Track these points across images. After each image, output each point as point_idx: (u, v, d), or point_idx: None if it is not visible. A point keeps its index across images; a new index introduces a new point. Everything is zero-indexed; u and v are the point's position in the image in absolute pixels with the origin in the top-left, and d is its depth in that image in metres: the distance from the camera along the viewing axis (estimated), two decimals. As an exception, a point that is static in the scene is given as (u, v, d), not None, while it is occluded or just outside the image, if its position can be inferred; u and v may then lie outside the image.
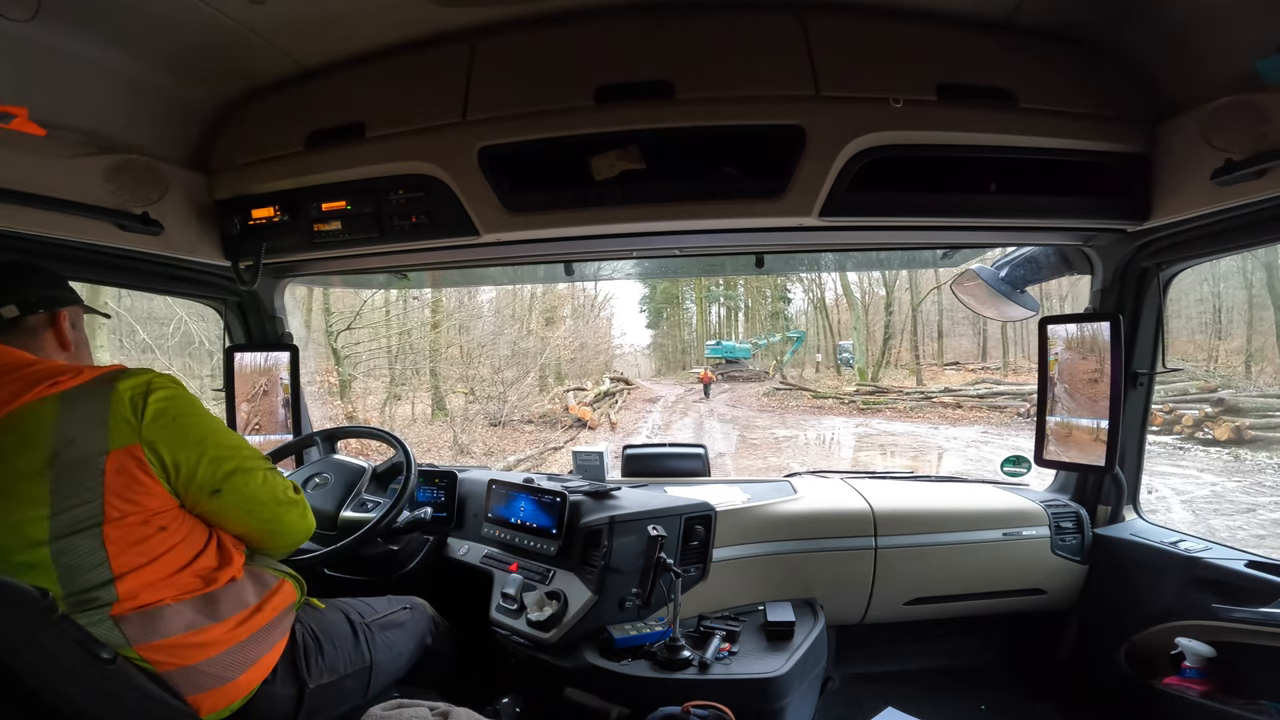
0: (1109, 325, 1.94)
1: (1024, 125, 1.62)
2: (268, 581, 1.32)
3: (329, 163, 1.83)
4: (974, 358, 26.26)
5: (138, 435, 1.13)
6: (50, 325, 1.28)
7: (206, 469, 1.20)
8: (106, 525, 1.09)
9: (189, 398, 1.22)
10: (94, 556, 1.08)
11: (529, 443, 16.36)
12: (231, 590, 1.23)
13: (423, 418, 16.93)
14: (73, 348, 1.31)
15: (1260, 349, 17.41)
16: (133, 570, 1.10)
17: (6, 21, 1.27)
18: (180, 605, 1.14)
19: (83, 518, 1.07)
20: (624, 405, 21.77)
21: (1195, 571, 1.84)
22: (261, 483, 1.28)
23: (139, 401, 1.14)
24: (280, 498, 1.32)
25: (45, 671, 0.94)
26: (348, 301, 15.74)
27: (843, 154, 1.61)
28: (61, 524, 1.06)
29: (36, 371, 1.14)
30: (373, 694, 1.45)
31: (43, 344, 1.26)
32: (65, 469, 1.07)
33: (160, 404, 1.16)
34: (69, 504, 1.07)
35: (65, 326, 1.29)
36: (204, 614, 1.16)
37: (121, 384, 1.15)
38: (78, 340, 1.34)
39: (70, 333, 1.31)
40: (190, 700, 1.12)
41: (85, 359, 1.34)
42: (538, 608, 1.77)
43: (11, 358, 1.17)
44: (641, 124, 1.64)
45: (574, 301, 24.00)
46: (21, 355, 1.18)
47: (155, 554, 1.13)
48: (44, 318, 1.27)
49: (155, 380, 1.18)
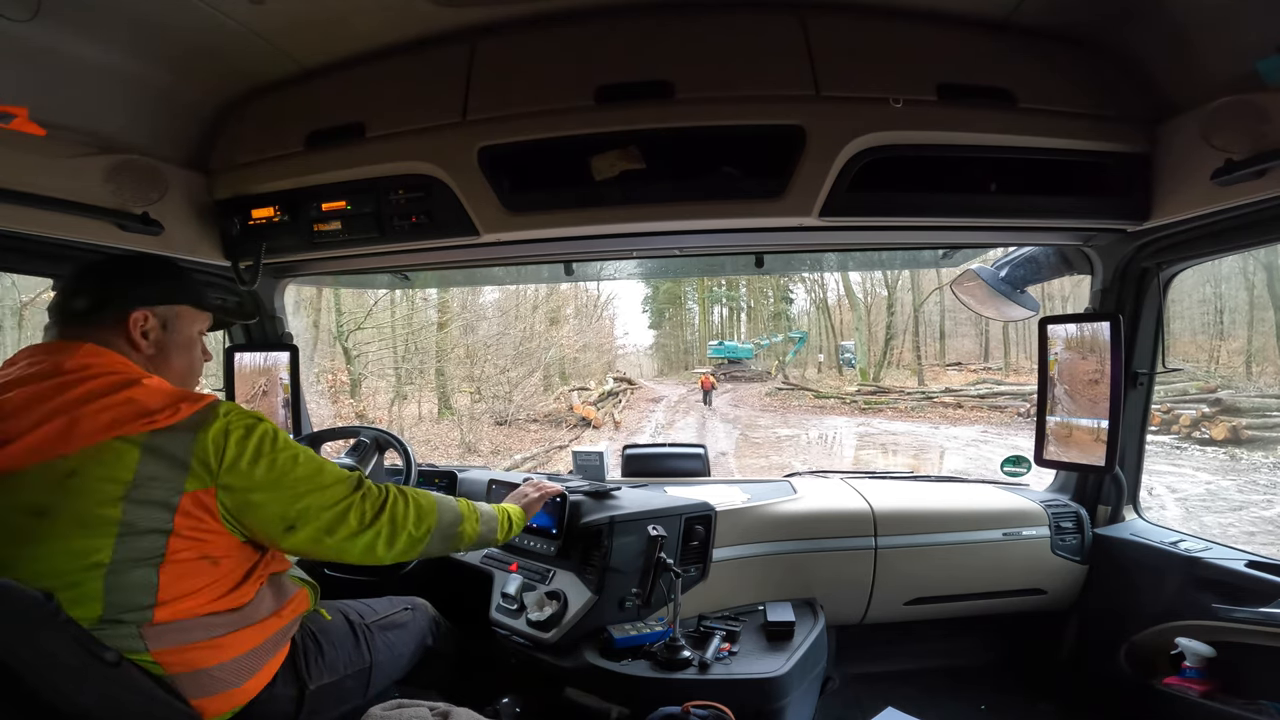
0: (1109, 325, 1.93)
1: (1024, 125, 1.62)
2: (288, 590, 1.32)
3: (329, 163, 1.83)
4: (976, 358, 26.26)
5: (214, 479, 1.12)
6: (117, 325, 1.23)
7: (279, 509, 1.18)
8: (166, 559, 1.08)
9: (269, 435, 1.19)
10: (145, 585, 1.07)
11: (534, 441, 16.41)
12: (257, 600, 1.22)
13: (429, 417, 16.98)
14: (153, 350, 1.26)
15: (1261, 349, 17.40)
16: (175, 599, 1.09)
17: (6, 21, 1.27)
18: (208, 617, 1.14)
19: (145, 551, 1.07)
20: (627, 404, 21.80)
21: (1195, 571, 1.84)
22: (338, 517, 1.25)
23: (220, 446, 1.13)
24: (354, 528, 1.27)
25: (46, 672, 0.94)
26: (358, 302, 15.80)
27: (843, 154, 1.61)
28: (123, 553, 1.05)
29: (135, 406, 1.10)
30: (373, 694, 1.45)
31: (118, 344, 1.22)
32: (140, 503, 1.06)
33: (238, 448, 1.14)
34: (136, 536, 1.06)
35: (133, 329, 1.24)
36: (227, 624, 1.16)
37: (207, 431, 1.12)
38: (166, 344, 1.28)
39: (150, 336, 1.26)
40: (195, 704, 1.11)
41: (172, 365, 1.29)
42: (538, 608, 1.78)
43: (103, 366, 1.14)
44: (641, 124, 1.64)
45: (577, 301, 24.03)
46: (112, 362, 1.16)
47: (201, 585, 1.13)
48: (112, 316, 1.23)
49: (234, 421, 1.16)
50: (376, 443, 2.13)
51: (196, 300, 1.35)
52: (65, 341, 1.19)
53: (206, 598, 1.13)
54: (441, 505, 1.44)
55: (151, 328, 1.26)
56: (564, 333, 22.57)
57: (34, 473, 1.05)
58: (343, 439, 2.21)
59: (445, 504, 1.45)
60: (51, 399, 1.09)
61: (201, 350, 1.38)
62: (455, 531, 1.46)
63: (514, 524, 1.64)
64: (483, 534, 1.53)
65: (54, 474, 1.05)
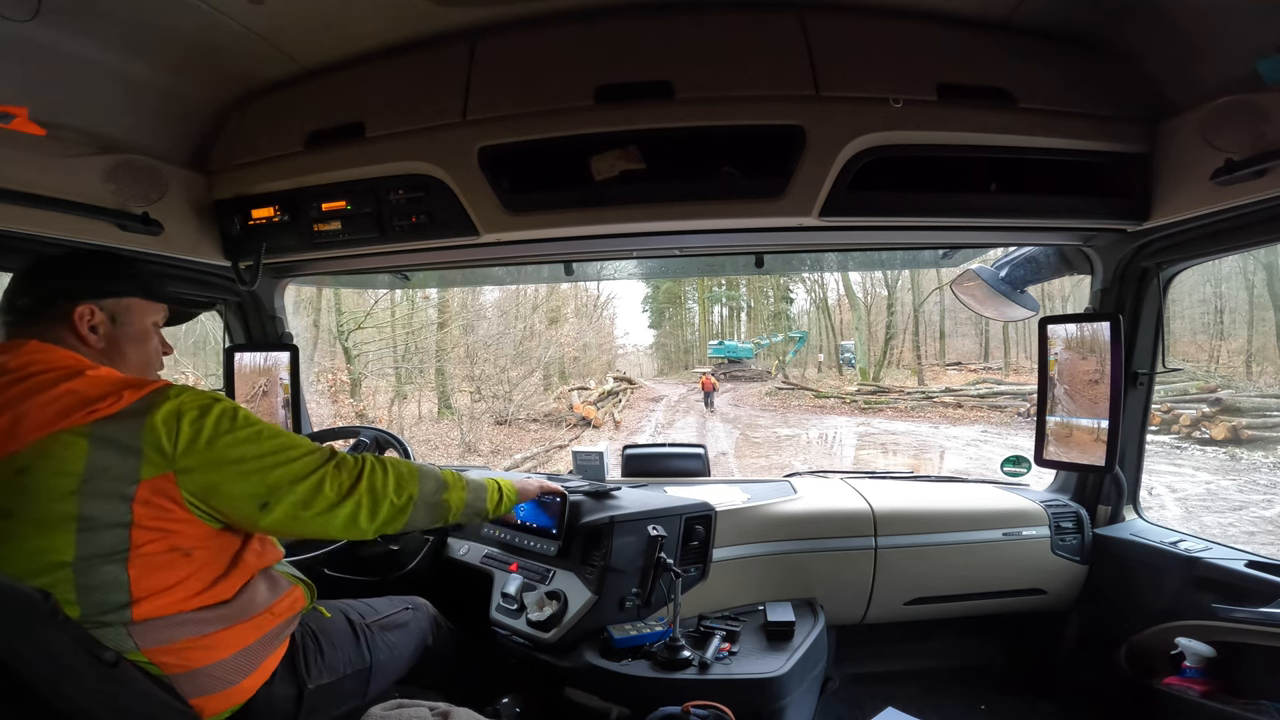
0: (1109, 325, 1.93)
1: (1024, 125, 1.62)
2: (281, 586, 1.31)
3: (329, 163, 1.83)
4: (976, 358, 26.26)
5: (171, 464, 1.09)
6: (63, 320, 1.21)
7: (248, 486, 1.15)
8: (132, 552, 1.06)
9: (227, 413, 1.15)
10: (116, 582, 1.05)
11: (534, 441, 16.42)
12: (246, 595, 1.21)
13: (429, 416, 16.99)
14: (103, 344, 1.24)
15: (1261, 349, 17.41)
16: (152, 594, 1.08)
17: (6, 21, 1.27)
18: (195, 613, 1.13)
19: (108, 546, 1.05)
20: (628, 404, 21.80)
21: (1195, 571, 1.84)
22: (312, 489, 1.20)
23: (172, 428, 1.09)
24: (332, 499, 1.22)
25: (45, 672, 0.94)
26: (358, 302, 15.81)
27: (843, 154, 1.61)
28: (86, 549, 1.04)
29: (75, 396, 1.08)
30: (373, 694, 1.45)
31: (67, 339, 1.20)
32: (95, 495, 1.04)
33: (193, 428, 1.11)
34: (95, 531, 1.04)
35: (79, 324, 1.22)
36: (217, 620, 1.15)
37: (155, 414, 1.09)
38: (116, 337, 1.26)
39: (99, 330, 1.24)
40: (193, 703, 1.11)
41: (127, 358, 1.27)
42: (538, 608, 1.78)
43: (47, 362, 1.12)
44: (641, 124, 1.64)
45: (577, 301, 24.03)
46: (56, 358, 1.14)
47: (178, 579, 1.11)
48: (56, 311, 1.21)
49: (186, 402, 1.13)
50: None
51: (147, 292, 1.33)
52: (11, 340, 1.18)
53: (186, 592, 1.12)
54: (424, 473, 1.38)
55: (99, 321, 1.24)
56: (564, 332, 22.58)
57: None
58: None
59: (427, 471, 1.39)
60: None
61: (160, 343, 1.36)
62: (440, 500, 1.39)
63: (505, 496, 1.56)
64: (470, 503, 1.46)
65: (5, 473, 1.03)
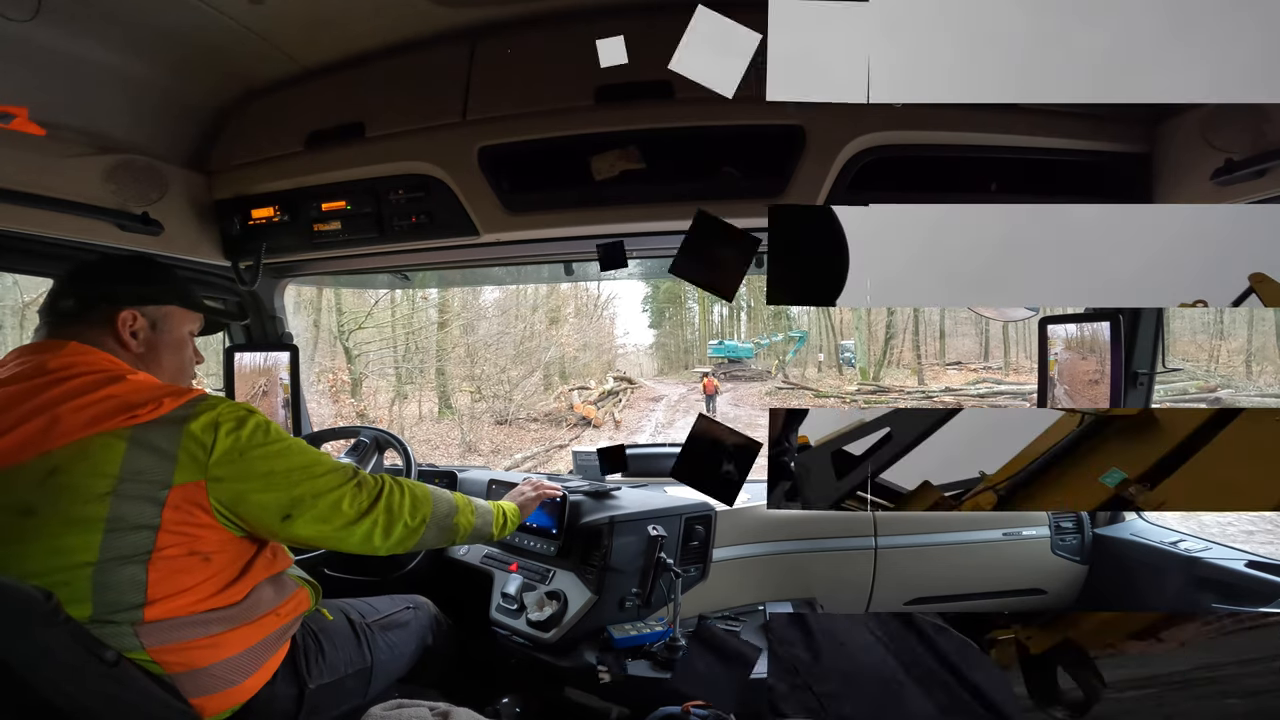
0: (1109, 325, 1.93)
1: (1024, 125, 1.61)
2: (288, 587, 1.31)
3: (329, 163, 1.83)
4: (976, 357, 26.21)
5: (204, 472, 1.10)
6: (105, 324, 1.23)
7: (274, 498, 1.17)
8: (154, 555, 1.07)
9: (261, 427, 1.18)
10: (134, 583, 1.06)
11: (534, 441, 16.41)
12: (253, 596, 1.21)
13: (430, 416, 16.99)
14: (143, 349, 1.26)
15: (1261, 349, 17.39)
16: (166, 596, 1.09)
17: (6, 22, 1.27)
18: (204, 614, 1.13)
19: (132, 547, 1.06)
20: (628, 404, 21.77)
21: (1195, 571, 1.84)
22: (333, 505, 1.24)
23: (209, 438, 1.12)
24: (351, 516, 1.26)
25: (45, 671, 0.94)
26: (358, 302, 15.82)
27: (843, 154, 1.60)
28: (111, 550, 1.04)
29: (117, 400, 1.10)
30: (373, 694, 1.45)
31: (107, 343, 1.22)
32: (127, 497, 1.05)
33: (228, 439, 1.13)
34: (123, 532, 1.05)
35: (121, 329, 1.24)
36: (224, 620, 1.15)
37: (194, 423, 1.11)
38: (156, 343, 1.28)
39: (139, 336, 1.26)
40: (194, 702, 1.11)
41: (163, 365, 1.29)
42: (538, 608, 1.78)
43: (88, 364, 1.14)
44: (641, 124, 1.63)
45: (577, 301, 23.99)
46: (97, 361, 1.16)
47: (194, 582, 1.12)
48: (99, 315, 1.23)
49: (224, 413, 1.15)
50: (376, 443, 2.13)
51: (186, 301, 1.35)
52: (52, 340, 1.20)
53: (199, 595, 1.13)
54: (437, 496, 1.43)
55: (140, 327, 1.26)
56: (564, 332, 22.56)
57: (17, 472, 1.05)
58: (343, 439, 2.21)
59: (440, 496, 1.45)
60: (33, 398, 1.08)
61: (194, 351, 1.38)
62: (451, 523, 1.44)
63: (509, 521, 1.63)
64: (478, 527, 1.52)
65: (37, 472, 1.04)
